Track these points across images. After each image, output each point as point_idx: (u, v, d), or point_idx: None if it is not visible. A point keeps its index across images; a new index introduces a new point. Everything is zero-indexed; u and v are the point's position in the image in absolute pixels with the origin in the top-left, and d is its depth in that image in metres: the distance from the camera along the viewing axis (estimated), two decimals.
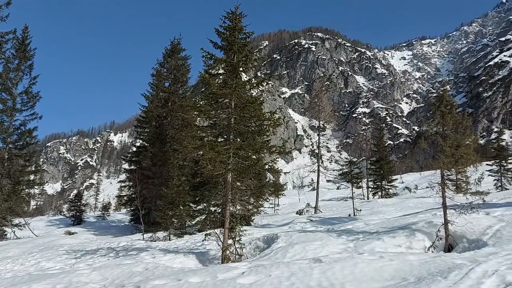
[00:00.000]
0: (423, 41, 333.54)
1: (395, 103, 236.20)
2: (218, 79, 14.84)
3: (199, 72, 14.65)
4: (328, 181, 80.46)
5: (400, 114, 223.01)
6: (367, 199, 42.09)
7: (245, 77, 15.79)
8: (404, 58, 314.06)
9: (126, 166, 37.29)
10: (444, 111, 12.10)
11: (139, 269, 10.88)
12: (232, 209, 14.04)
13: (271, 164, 24.20)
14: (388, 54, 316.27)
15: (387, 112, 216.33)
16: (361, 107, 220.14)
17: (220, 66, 14.96)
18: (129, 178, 32.76)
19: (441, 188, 12.29)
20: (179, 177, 24.67)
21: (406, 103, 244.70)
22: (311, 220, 23.88)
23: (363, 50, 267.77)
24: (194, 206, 25.92)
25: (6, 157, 29.22)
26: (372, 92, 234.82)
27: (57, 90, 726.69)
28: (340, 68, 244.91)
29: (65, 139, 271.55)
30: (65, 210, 48.19)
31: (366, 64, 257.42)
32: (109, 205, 53.07)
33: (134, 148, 37.12)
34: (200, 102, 15.69)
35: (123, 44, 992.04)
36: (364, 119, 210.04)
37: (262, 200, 33.83)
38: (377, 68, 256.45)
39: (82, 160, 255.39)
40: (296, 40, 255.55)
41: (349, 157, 39.84)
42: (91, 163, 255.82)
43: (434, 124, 12.62)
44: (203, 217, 25.13)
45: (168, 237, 21.84)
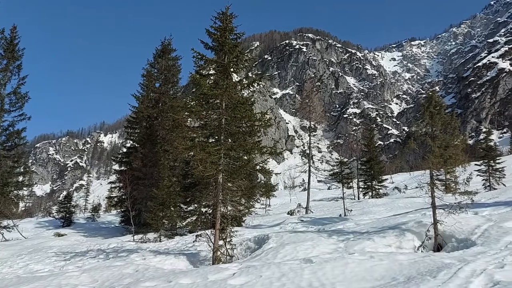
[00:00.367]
0: (412, 42, 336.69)
1: (385, 103, 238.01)
2: (209, 80, 14.80)
3: (190, 72, 14.64)
4: (319, 181, 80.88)
5: (390, 115, 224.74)
6: (358, 199, 42.33)
7: (236, 78, 15.76)
8: (394, 59, 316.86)
9: (116, 167, 36.97)
10: (433, 112, 12.23)
11: (129, 271, 10.82)
12: (223, 210, 14.01)
13: (262, 164, 24.11)
14: (378, 55, 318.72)
15: (377, 112, 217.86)
16: (352, 108, 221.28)
17: (211, 66, 14.93)
18: (120, 179, 32.49)
19: (430, 188, 12.41)
20: (169, 178, 24.52)
21: (396, 103, 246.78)
22: (302, 220, 23.98)
23: (353, 51, 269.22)
24: (185, 207, 25.85)
25: None
26: (362, 93, 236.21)
27: (46, 91, 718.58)
28: (331, 69, 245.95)
29: (55, 140, 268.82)
30: (54, 211, 47.71)
31: (357, 65, 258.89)
32: (99, 207, 52.58)
33: (125, 149, 36.85)
34: (191, 103, 15.65)
35: (113, 45, 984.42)
36: (354, 119, 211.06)
37: (253, 200, 33.85)
38: (368, 69, 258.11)
39: (71, 161, 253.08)
40: (287, 41, 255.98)
41: (340, 158, 40.03)
42: (81, 164, 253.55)
43: (423, 125, 12.75)
44: (194, 218, 25.06)
45: (158, 238, 21.72)
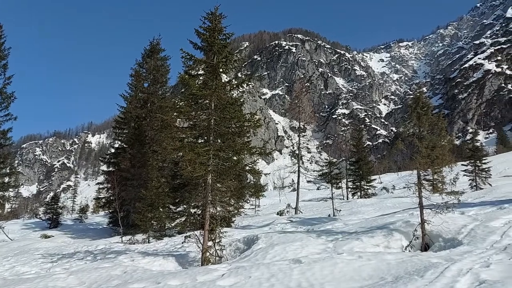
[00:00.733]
0: (400, 44, 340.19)
1: (374, 104, 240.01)
2: (198, 80, 14.75)
3: (178, 73, 14.55)
4: (309, 181, 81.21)
5: (379, 115, 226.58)
6: (347, 199, 42.58)
7: (225, 78, 15.75)
8: (382, 60, 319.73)
9: (104, 168, 36.55)
10: (420, 113, 12.36)
11: (117, 273, 10.73)
12: (212, 210, 13.98)
13: (252, 165, 24.14)
14: (366, 56, 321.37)
15: (366, 113, 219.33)
16: (341, 108, 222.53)
17: (200, 67, 14.88)
18: (108, 180, 32.19)
19: (417, 188, 12.53)
20: (158, 179, 24.35)
21: (385, 104, 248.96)
22: (292, 220, 24.03)
23: (342, 52, 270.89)
24: (174, 208, 25.69)
25: None
26: (351, 94, 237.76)
27: (33, 91, 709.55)
28: (320, 69, 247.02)
29: (41, 141, 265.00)
30: (41, 213, 46.98)
31: (346, 65, 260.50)
32: (87, 208, 52.08)
33: (113, 150, 36.49)
34: (180, 103, 15.57)
35: (101, 45, 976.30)
36: (343, 120, 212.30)
37: (242, 201, 33.79)
38: (356, 69, 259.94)
39: (59, 161, 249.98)
40: (276, 42, 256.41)
41: (329, 158, 40.19)
42: (68, 164, 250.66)
43: (410, 126, 12.88)
44: (183, 219, 24.86)
45: (147, 240, 21.60)
